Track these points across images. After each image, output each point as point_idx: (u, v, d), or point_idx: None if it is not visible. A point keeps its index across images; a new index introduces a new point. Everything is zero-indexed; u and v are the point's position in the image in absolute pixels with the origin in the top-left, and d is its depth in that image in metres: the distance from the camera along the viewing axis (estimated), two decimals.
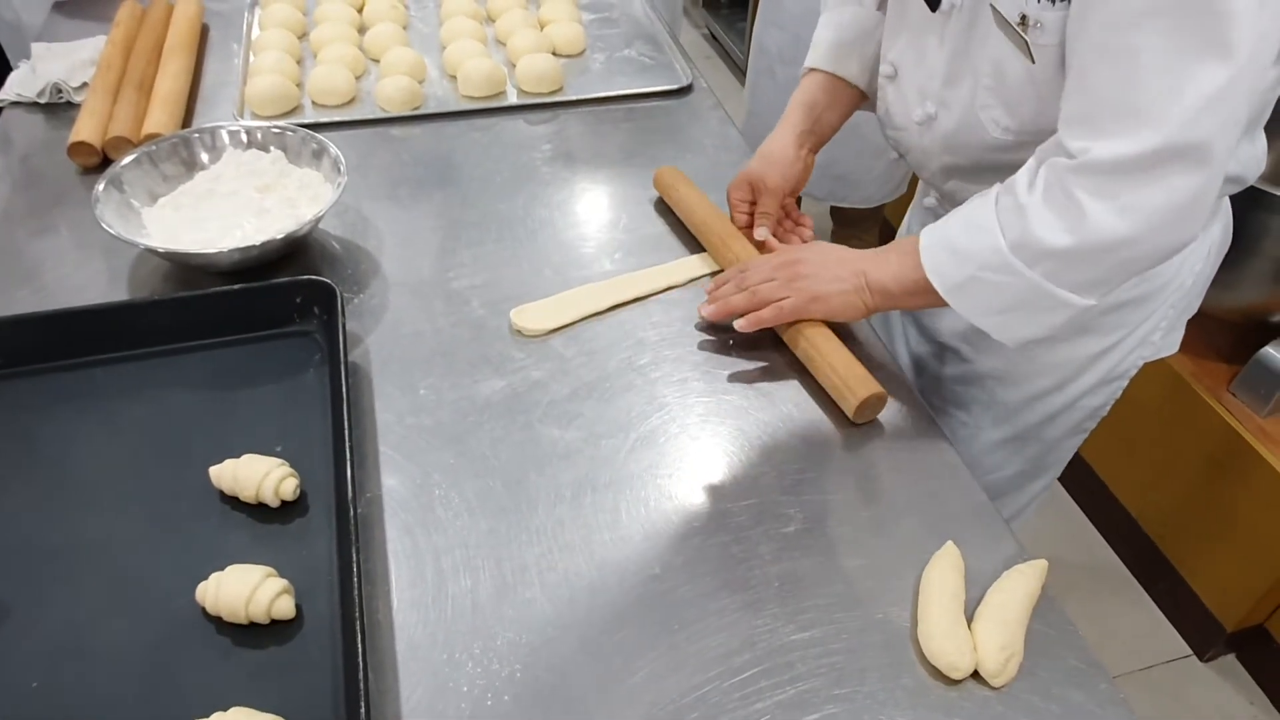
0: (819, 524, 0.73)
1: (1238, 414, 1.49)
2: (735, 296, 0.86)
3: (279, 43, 1.26)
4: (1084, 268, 0.72)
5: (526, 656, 0.63)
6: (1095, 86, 0.67)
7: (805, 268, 0.85)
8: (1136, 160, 0.66)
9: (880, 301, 0.83)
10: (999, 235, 0.73)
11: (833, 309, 0.84)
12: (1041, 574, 0.68)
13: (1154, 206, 0.67)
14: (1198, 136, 0.64)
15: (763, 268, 0.86)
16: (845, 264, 0.84)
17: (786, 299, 0.84)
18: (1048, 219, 0.70)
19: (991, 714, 0.61)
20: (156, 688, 0.61)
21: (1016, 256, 0.72)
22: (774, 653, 0.64)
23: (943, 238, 0.78)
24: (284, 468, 0.71)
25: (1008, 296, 0.74)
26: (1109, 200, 0.68)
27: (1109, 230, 0.68)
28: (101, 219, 0.88)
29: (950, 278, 0.77)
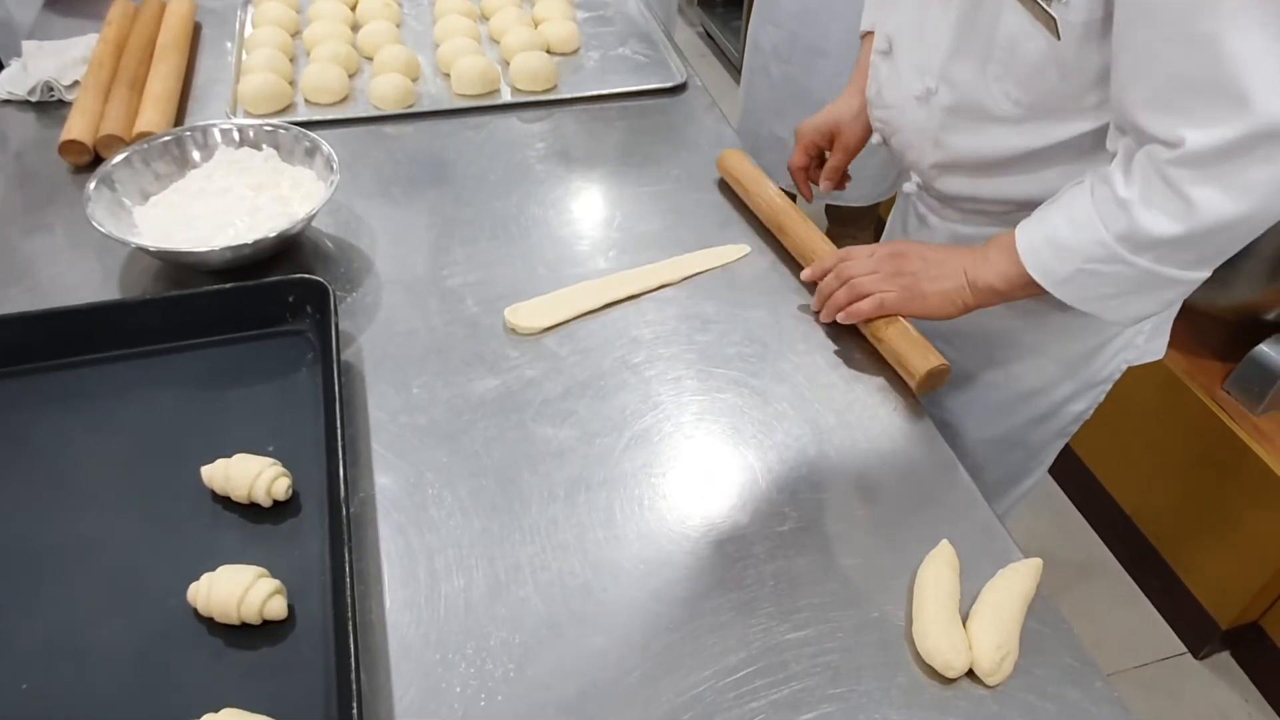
0: (814, 523, 0.73)
1: (1231, 412, 1.49)
2: (838, 291, 0.85)
3: (272, 40, 1.25)
4: (1195, 249, 0.71)
5: (520, 656, 0.63)
6: (1176, 72, 0.66)
7: (909, 263, 0.84)
8: (1239, 144, 0.64)
9: (984, 300, 0.82)
10: (1101, 228, 0.72)
11: (931, 307, 0.83)
12: (1036, 573, 0.68)
13: (1261, 183, 0.65)
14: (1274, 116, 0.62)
15: (865, 260, 0.85)
16: (947, 262, 0.83)
17: (889, 293, 0.83)
18: (1153, 213, 0.69)
19: (986, 713, 0.61)
20: (148, 689, 0.60)
21: (1123, 247, 0.72)
22: (769, 652, 0.64)
23: (1042, 236, 0.77)
24: (276, 467, 0.71)
25: (1119, 283, 0.74)
26: (1215, 185, 0.66)
27: (1219, 213, 0.67)
28: (92, 217, 0.87)
29: (1056, 273, 0.76)
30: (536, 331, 0.88)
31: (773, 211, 1.00)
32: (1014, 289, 0.80)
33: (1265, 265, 1.39)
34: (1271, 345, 1.45)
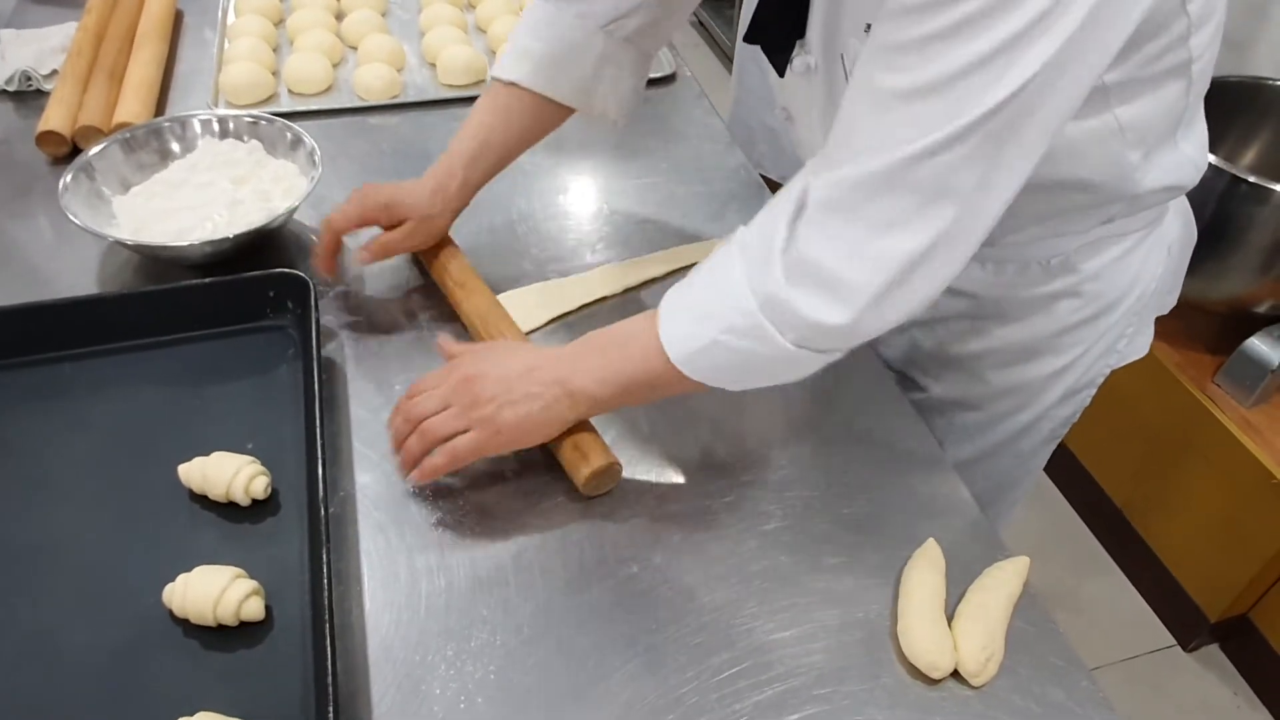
0: (799, 522, 0.72)
1: (1222, 404, 1.49)
2: (411, 441, 0.70)
3: (254, 29, 1.23)
4: (843, 337, 0.62)
5: (501, 658, 0.62)
6: (845, 120, 0.59)
7: (487, 387, 0.69)
8: (853, 180, 0.57)
9: (587, 410, 0.70)
10: (747, 290, 0.62)
11: (522, 436, 0.70)
12: (1023, 572, 0.68)
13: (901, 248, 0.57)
14: (927, 169, 0.54)
15: (435, 394, 0.70)
16: (536, 371, 0.69)
17: (464, 434, 0.69)
18: (806, 293, 0.59)
19: (971, 713, 0.61)
20: (122, 692, 0.60)
21: (767, 317, 0.61)
22: (753, 652, 0.63)
23: (684, 301, 0.66)
24: (254, 465, 0.70)
25: (750, 361, 0.64)
26: (852, 249, 0.58)
27: (870, 283, 0.58)
28: (67, 208, 0.86)
29: (689, 344, 0.64)
30: (530, 331, 0.86)
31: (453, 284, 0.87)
32: (621, 390, 0.68)
33: (1257, 258, 1.39)
34: (1261, 338, 1.45)
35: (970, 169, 0.54)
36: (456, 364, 0.73)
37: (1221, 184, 1.35)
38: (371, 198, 0.86)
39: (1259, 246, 1.37)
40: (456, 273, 0.87)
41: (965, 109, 0.52)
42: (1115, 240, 0.80)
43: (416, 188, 0.87)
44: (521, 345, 0.77)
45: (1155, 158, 0.72)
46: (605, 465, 0.70)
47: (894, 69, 0.54)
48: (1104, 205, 0.75)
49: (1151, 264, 0.85)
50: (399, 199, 0.86)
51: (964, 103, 0.52)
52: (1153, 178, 0.73)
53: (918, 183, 0.55)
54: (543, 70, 0.85)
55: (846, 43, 0.69)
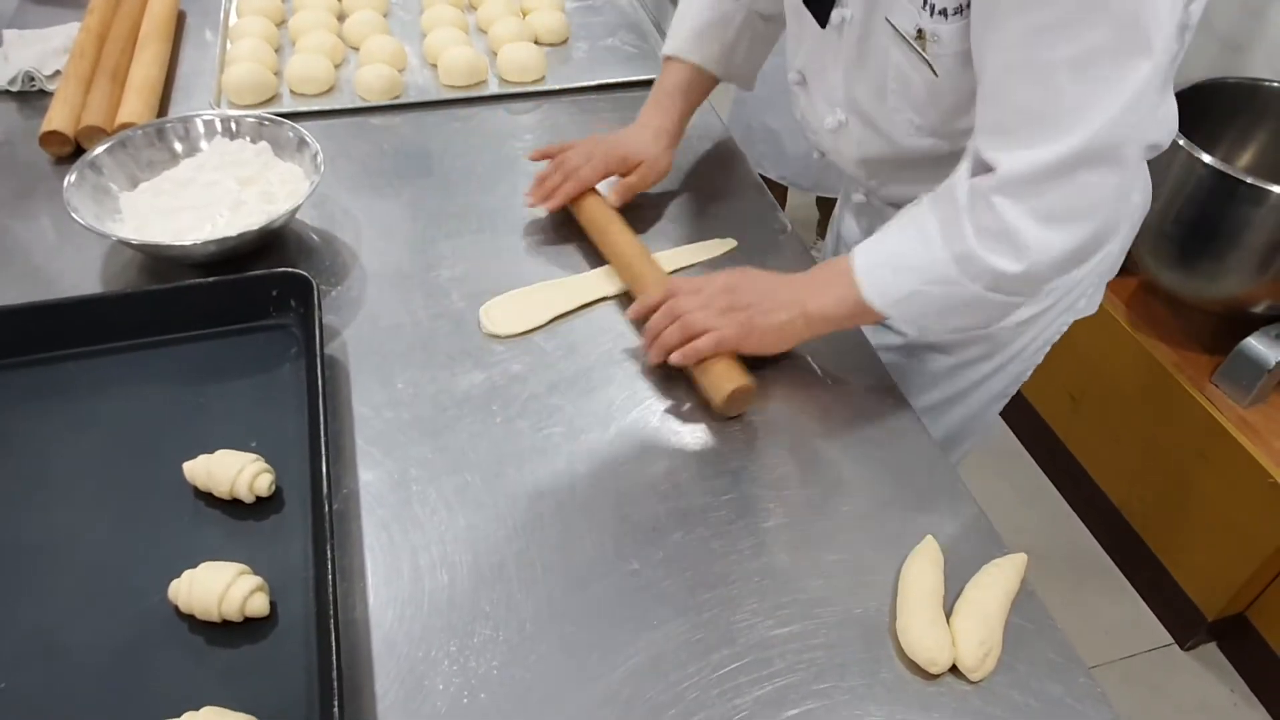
0: (798, 518, 0.72)
1: (1219, 404, 1.49)
2: (669, 330, 0.79)
3: (257, 30, 1.24)
4: (1031, 283, 0.73)
5: (504, 654, 0.63)
6: (1013, 101, 0.67)
7: (742, 296, 0.79)
8: (1052, 167, 0.66)
9: (818, 329, 0.80)
10: (941, 247, 0.72)
11: (767, 343, 0.80)
12: (1020, 568, 0.68)
13: (1080, 210, 0.68)
14: (1114, 138, 0.64)
15: (696, 295, 0.80)
16: (781, 292, 0.80)
17: (726, 329, 0.78)
18: (989, 249, 0.70)
19: (970, 708, 0.61)
20: (128, 688, 0.60)
21: (959, 269, 0.72)
22: (753, 648, 0.64)
23: (880, 256, 0.76)
24: (259, 463, 0.70)
25: (950, 303, 0.74)
26: (1038, 216, 0.68)
27: (1052, 250, 0.69)
28: (70, 204, 0.86)
29: (890, 294, 0.75)
30: (514, 335, 0.87)
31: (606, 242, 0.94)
32: (846, 317, 0.78)
33: (1254, 258, 1.39)
34: (1259, 338, 1.45)
35: (1135, 135, 0.64)
36: (713, 275, 0.82)
37: (1219, 184, 1.36)
38: (611, 152, 0.98)
39: (1256, 247, 1.38)
40: (601, 218, 0.95)
41: (1129, 73, 0.61)
42: None
43: (638, 135, 1.00)
44: (763, 271, 0.83)
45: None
46: (746, 385, 0.77)
47: (1050, 43, 0.62)
48: None
49: (1122, 226, 0.93)
50: (631, 148, 0.99)
51: (1127, 63, 0.61)
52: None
53: (1099, 159, 0.65)
54: (692, 40, 1.00)
55: (896, 3, 0.74)
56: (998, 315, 0.76)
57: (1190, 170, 1.40)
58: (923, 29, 0.73)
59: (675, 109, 1.01)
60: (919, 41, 0.74)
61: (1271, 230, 1.35)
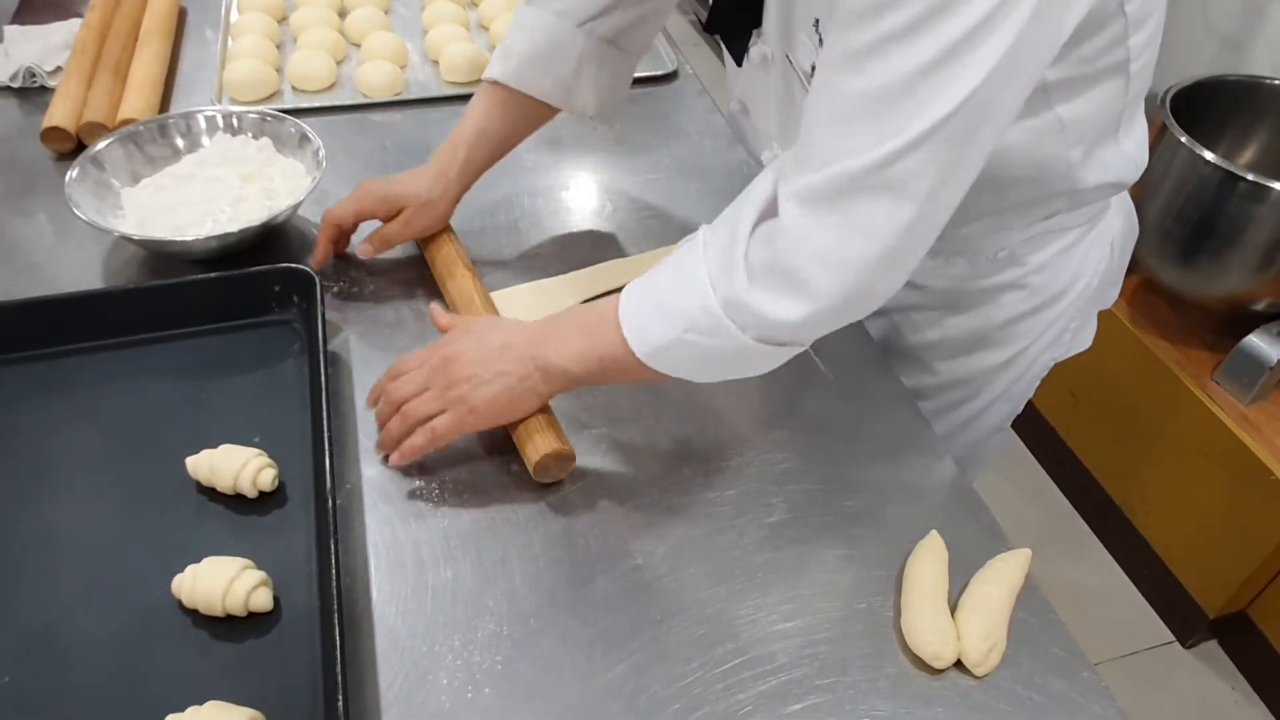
0: (802, 514, 0.72)
1: (1221, 402, 1.49)
2: (392, 423, 0.72)
3: (258, 27, 1.24)
4: (807, 329, 0.64)
5: (508, 648, 0.63)
6: (807, 126, 0.59)
7: (463, 368, 0.70)
8: (827, 191, 0.57)
9: (559, 386, 0.71)
10: (710, 293, 0.62)
11: (497, 414, 0.71)
12: (1025, 563, 0.68)
13: (858, 247, 0.58)
14: (892, 172, 0.55)
15: (414, 376, 0.72)
16: (510, 350, 0.70)
17: (442, 415, 0.70)
18: (767, 294, 0.61)
19: (974, 703, 0.61)
20: (131, 682, 0.60)
21: (729, 316, 0.62)
22: (757, 643, 0.64)
23: (647, 299, 0.67)
24: (262, 458, 0.70)
25: (713, 356, 0.65)
26: (817, 252, 0.58)
27: (834, 294, 0.59)
28: (72, 200, 0.86)
29: (652, 340, 0.65)
30: None
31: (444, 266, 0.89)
32: (590, 372, 0.69)
33: (1255, 256, 1.39)
34: (1260, 336, 1.46)
35: (929, 171, 0.55)
36: (436, 345, 0.74)
37: (1220, 182, 1.36)
38: (368, 192, 0.88)
39: (1257, 244, 1.38)
40: (442, 259, 0.89)
41: (925, 111, 0.53)
42: (1059, 235, 0.83)
43: (415, 177, 0.89)
44: (501, 321, 0.77)
45: (1096, 155, 0.74)
46: (556, 450, 0.71)
47: (852, 73, 0.54)
48: (1047, 200, 0.78)
49: (1094, 258, 0.88)
50: (395, 190, 0.88)
51: (924, 104, 0.53)
52: (1093, 175, 0.76)
53: (881, 187, 0.56)
54: (524, 69, 0.87)
55: (795, 38, 0.71)
56: (768, 366, 0.67)
57: (1192, 167, 1.40)
58: (816, 64, 0.65)
59: (457, 159, 0.88)
60: (809, 79, 0.70)
61: (1273, 228, 1.35)
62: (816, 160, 0.57)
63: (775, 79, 0.78)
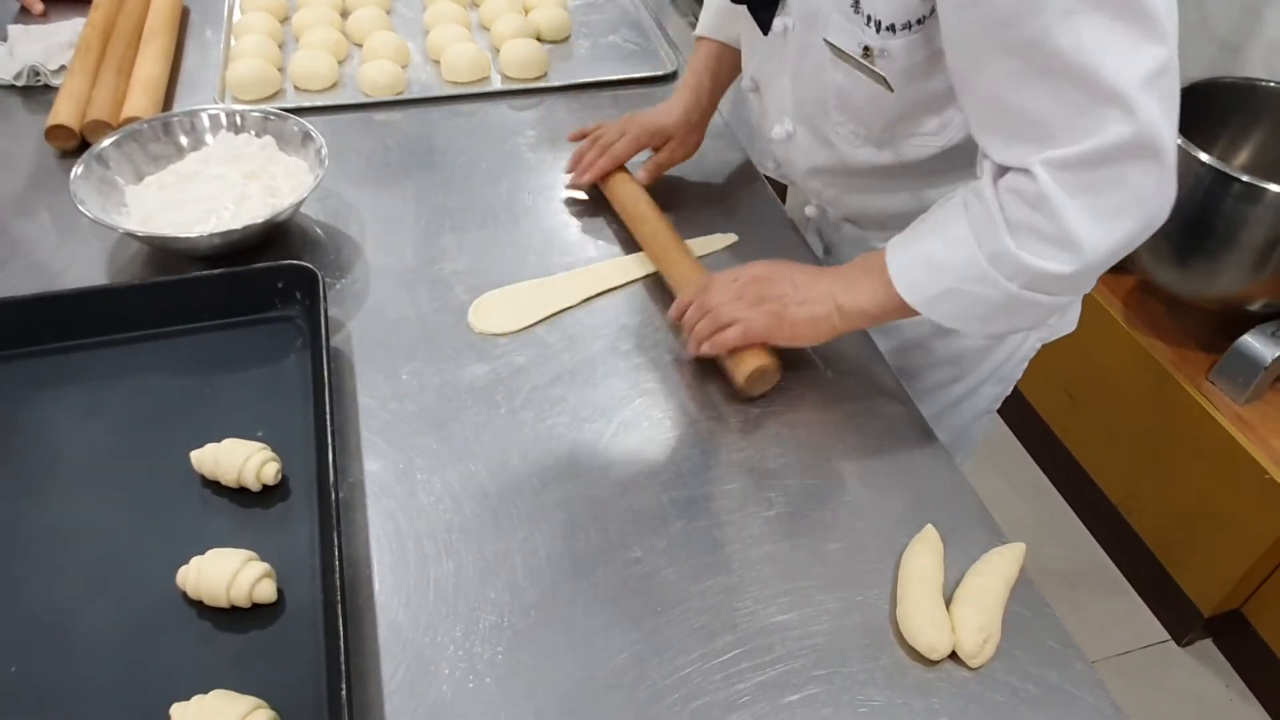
0: (800, 508, 0.73)
1: (1216, 402, 1.50)
2: (701, 323, 0.80)
3: (260, 26, 1.25)
4: (1078, 282, 0.69)
5: (509, 640, 0.64)
6: (1025, 111, 0.64)
7: (774, 287, 0.79)
8: (1095, 154, 0.62)
9: (853, 324, 0.78)
10: (975, 247, 0.70)
11: (799, 335, 0.79)
12: (1020, 557, 0.69)
13: (1123, 204, 0.64)
14: (1143, 121, 0.61)
15: (727, 287, 0.80)
16: (815, 285, 0.78)
17: (754, 320, 0.78)
18: (1031, 245, 0.67)
19: (969, 694, 0.62)
20: (137, 672, 0.61)
21: (995, 268, 0.69)
22: (755, 634, 0.65)
23: (915, 254, 0.74)
24: (265, 451, 0.71)
25: (988, 304, 0.71)
26: (1091, 213, 0.64)
27: (1103, 248, 0.65)
28: (76, 197, 0.87)
29: (926, 291, 0.72)
30: (502, 334, 0.87)
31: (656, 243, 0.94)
32: (882, 313, 0.76)
33: (1250, 256, 1.40)
34: (1255, 336, 1.46)
35: (1167, 120, 0.62)
36: (748, 266, 0.82)
37: (1216, 183, 1.37)
38: (642, 126, 1.00)
39: (1252, 245, 1.39)
40: (630, 202, 0.98)
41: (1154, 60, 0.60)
42: None
43: (671, 109, 1.01)
44: (798, 264, 0.83)
45: None
46: (769, 363, 0.79)
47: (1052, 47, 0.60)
48: None
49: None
50: (662, 122, 1.01)
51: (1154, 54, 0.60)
52: None
53: (1137, 147, 0.62)
54: (719, 20, 1.00)
55: (829, 19, 0.74)
56: (1042, 315, 0.72)
57: (1187, 169, 1.40)
58: (869, 46, 0.73)
59: (704, 88, 1.02)
60: (867, 58, 0.74)
61: (1267, 228, 1.36)
62: (1054, 137, 0.63)
63: (792, 51, 0.82)
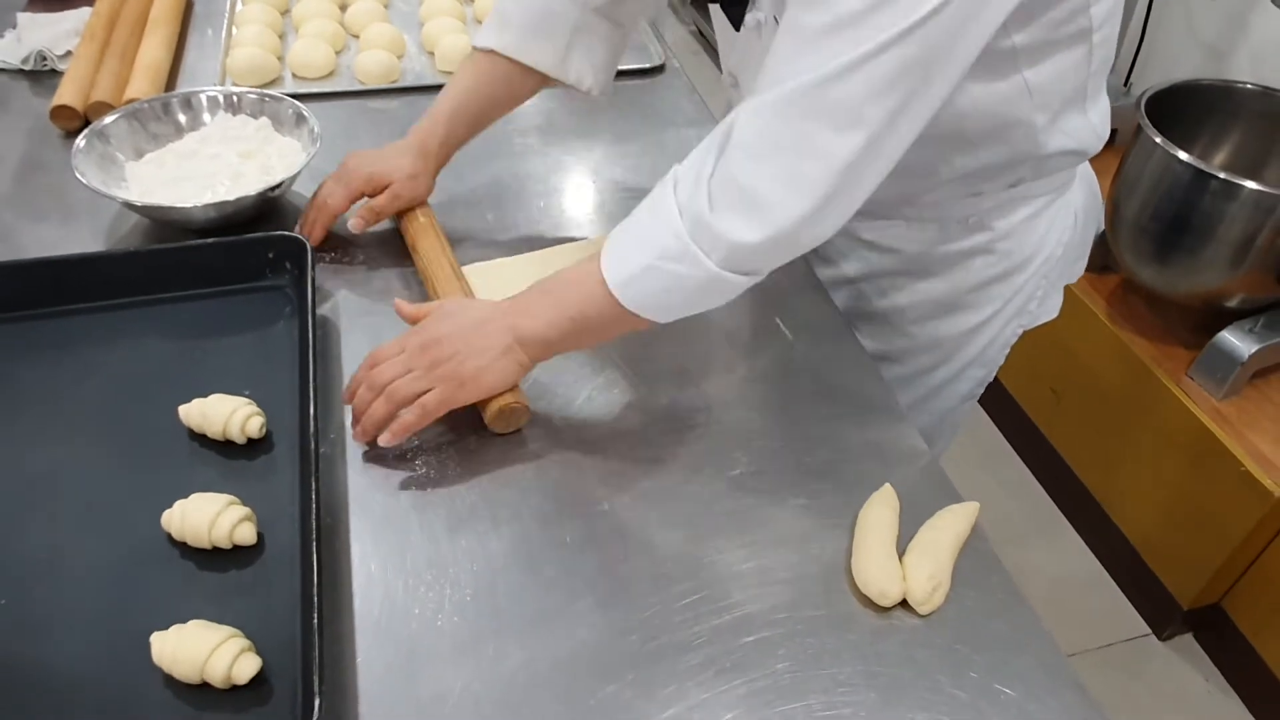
0: (765, 468, 0.76)
1: (1196, 397, 1.53)
2: (375, 405, 0.73)
3: (261, 17, 1.29)
4: (765, 255, 0.67)
5: (476, 583, 0.66)
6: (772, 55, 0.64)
7: (445, 347, 0.73)
8: (772, 105, 0.62)
9: (538, 354, 0.74)
10: (678, 220, 0.67)
11: (487, 385, 0.74)
12: (972, 515, 0.72)
13: (815, 170, 0.62)
14: (838, 93, 0.60)
15: (396, 361, 0.74)
16: (488, 324, 0.74)
17: (430, 391, 0.73)
18: (725, 209, 0.65)
19: (918, 640, 0.65)
20: (121, 605, 0.64)
21: (696, 243, 0.66)
22: (714, 583, 0.67)
23: (626, 231, 0.71)
24: (251, 406, 0.74)
25: (682, 286, 0.68)
26: (776, 173, 0.63)
27: (791, 215, 0.64)
28: (77, 169, 0.90)
29: (627, 269, 0.69)
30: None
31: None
32: (564, 335, 0.73)
33: (1229, 252, 1.43)
34: (1233, 332, 1.49)
35: (878, 99, 0.60)
36: (412, 331, 0.76)
37: (1194, 180, 1.40)
38: (355, 174, 0.92)
39: (1229, 241, 1.42)
40: (414, 235, 0.93)
41: (874, 36, 0.58)
42: (1025, 202, 0.88)
43: (399, 151, 0.93)
44: (473, 301, 0.80)
45: (1060, 122, 0.80)
46: (511, 403, 0.75)
47: (813, 7, 0.60)
48: (1014, 166, 0.83)
49: (1058, 227, 0.93)
50: (380, 167, 0.92)
51: (875, 30, 0.58)
52: (1057, 141, 0.81)
53: (830, 109, 0.60)
54: (519, 37, 0.89)
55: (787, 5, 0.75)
56: (723, 299, 0.70)
57: (1166, 167, 1.44)
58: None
59: (435, 138, 0.92)
60: None
61: (1244, 225, 1.39)
62: (768, 80, 0.62)
63: (768, 44, 0.82)
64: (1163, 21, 1.97)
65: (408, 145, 0.93)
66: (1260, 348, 1.46)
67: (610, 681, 0.61)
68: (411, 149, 0.93)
